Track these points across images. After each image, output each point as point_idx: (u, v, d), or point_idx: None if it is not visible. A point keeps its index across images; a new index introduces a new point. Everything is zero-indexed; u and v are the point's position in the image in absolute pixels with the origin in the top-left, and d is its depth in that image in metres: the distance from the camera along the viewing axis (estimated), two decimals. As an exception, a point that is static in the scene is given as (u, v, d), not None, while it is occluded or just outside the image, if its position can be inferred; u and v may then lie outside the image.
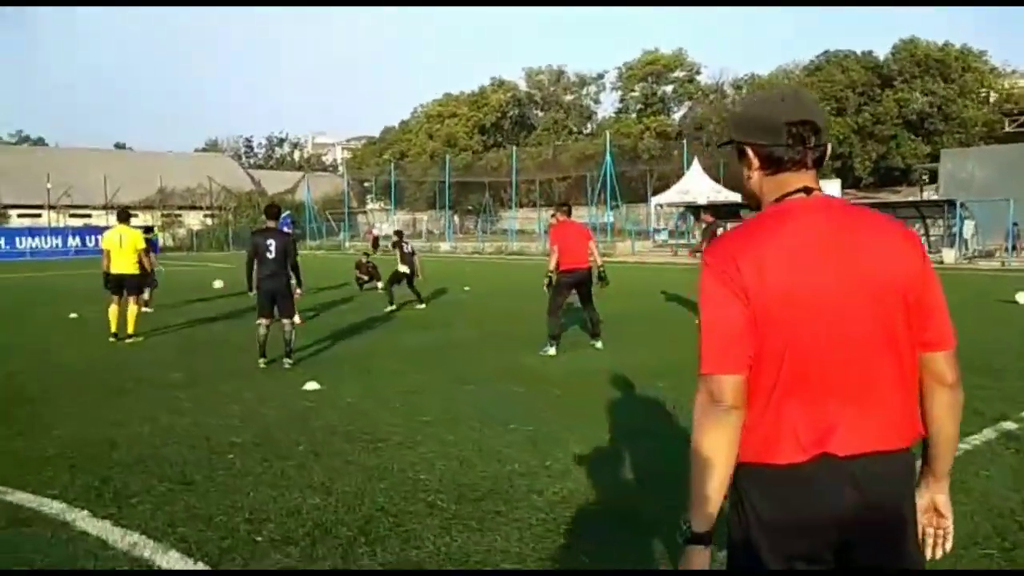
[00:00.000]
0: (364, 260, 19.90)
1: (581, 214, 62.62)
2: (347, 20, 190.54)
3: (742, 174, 1.82)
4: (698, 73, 62.94)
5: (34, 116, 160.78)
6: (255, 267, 9.09)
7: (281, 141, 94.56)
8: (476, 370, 8.59)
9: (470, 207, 68.51)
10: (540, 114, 72.48)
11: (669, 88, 63.54)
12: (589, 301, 10.05)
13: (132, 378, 8.31)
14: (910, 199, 30.46)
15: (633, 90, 63.83)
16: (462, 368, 8.73)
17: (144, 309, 12.97)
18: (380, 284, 19.28)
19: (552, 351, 9.51)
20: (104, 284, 11.35)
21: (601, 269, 10.00)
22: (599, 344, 9.97)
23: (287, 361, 9.06)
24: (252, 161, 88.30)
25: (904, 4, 76.36)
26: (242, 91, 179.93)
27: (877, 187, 49.03)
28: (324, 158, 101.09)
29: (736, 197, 41.14)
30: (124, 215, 11.71)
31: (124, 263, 11.14)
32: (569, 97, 70.12)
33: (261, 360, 9.02)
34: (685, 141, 45.85)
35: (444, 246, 48.92)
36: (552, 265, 9.71)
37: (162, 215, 58.62)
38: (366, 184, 78.34)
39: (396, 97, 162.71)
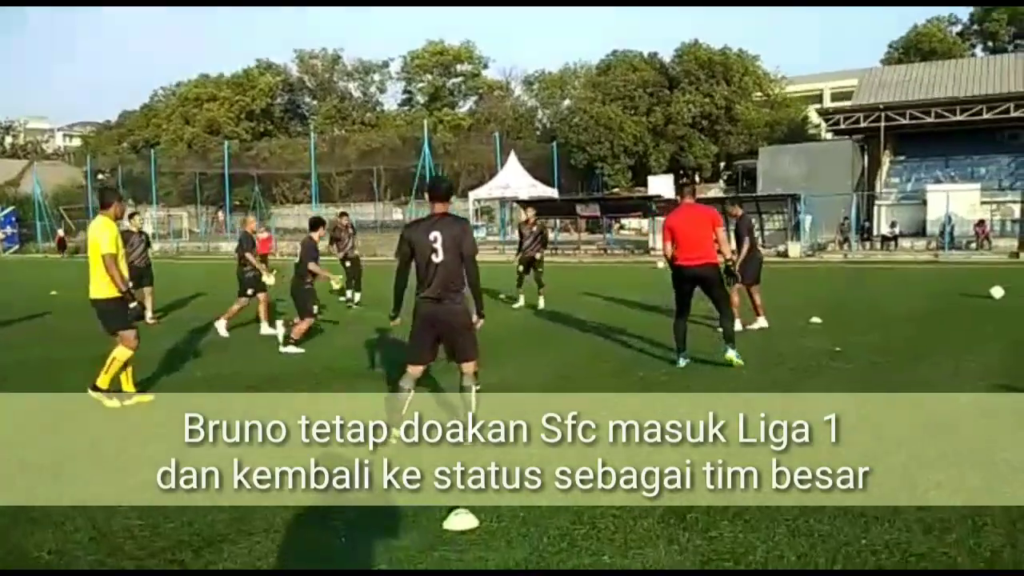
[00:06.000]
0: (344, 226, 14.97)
1: (368, 211, 59.08)
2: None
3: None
4: (485, 67, 61.38)
5: None
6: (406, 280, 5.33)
7: (-12, 124, 78.77)
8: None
9: (238, 202, 61.01)
10: (314, 102, 66.71)
11: (456, 81, 61.30)
12: (720, 304, 7.96)
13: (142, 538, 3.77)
14: (752, 194, 30.74)
15: (421, 81, 60.71)
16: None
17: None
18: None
19: (683, 363, 7.85)
20: None
21: (730, 263, 8.23)
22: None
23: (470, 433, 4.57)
24: (-52, 146, 72.44)
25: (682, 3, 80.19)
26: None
27: (671, 185, 50.45)
28: (45, 145, 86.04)
29: (552, 192, 39.84)
30: (105, 196, 6.59)
31: (92, 280, 6.34)
32: (351, 85, 65.19)
33: (394, 433, 4.59)
34: (497, 135, 43.73)
35: (226, 246, 42.09)
36: (667, 259, 8.02)
37: None
38: (100, 176, 67.41)
39: (133, 77, 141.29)
